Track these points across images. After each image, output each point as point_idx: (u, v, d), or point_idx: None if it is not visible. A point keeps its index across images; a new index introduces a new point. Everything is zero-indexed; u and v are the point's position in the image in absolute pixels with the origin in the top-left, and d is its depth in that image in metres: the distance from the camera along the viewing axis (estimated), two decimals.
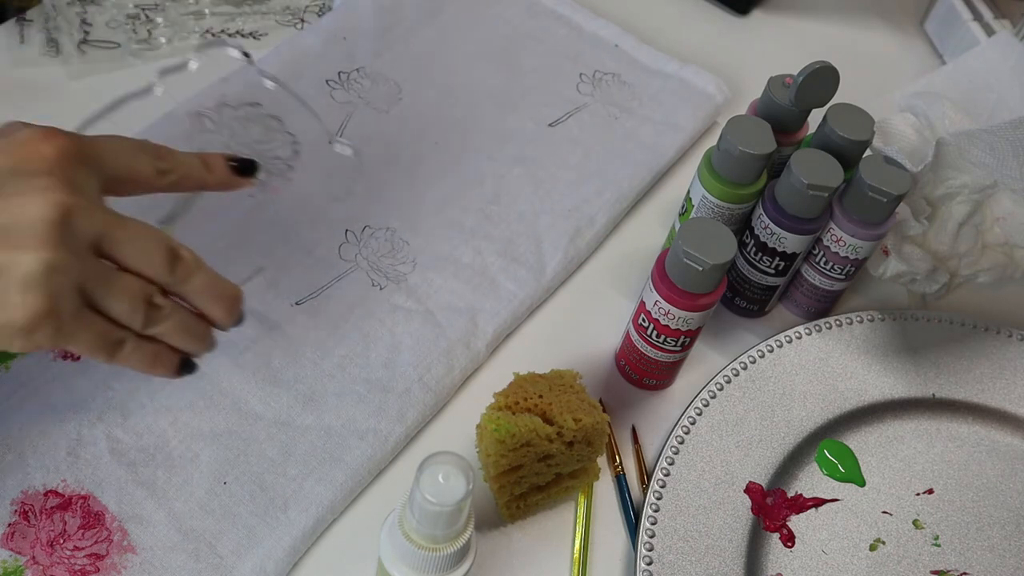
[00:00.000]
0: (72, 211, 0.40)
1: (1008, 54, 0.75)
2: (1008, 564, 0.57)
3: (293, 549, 0.52)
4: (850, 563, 0.56)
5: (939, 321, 0.66)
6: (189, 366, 0.47)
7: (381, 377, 0.59)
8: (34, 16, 0.73)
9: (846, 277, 0.63)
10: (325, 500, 0.54)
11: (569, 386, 0.53)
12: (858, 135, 0.59)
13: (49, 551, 0.50)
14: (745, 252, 0.62)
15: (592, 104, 0.75)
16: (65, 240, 0.39)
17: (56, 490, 0.52)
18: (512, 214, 0.67)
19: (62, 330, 0.40)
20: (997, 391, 0.63)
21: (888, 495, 0.59)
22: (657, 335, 0.57)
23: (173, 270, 0.43)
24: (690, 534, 0.55)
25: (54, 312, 0.39)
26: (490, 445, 0.51)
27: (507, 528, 0.56)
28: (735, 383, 0.61)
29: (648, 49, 0.78)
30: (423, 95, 0.73)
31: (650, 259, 0.62)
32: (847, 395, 0.62)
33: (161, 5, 0.75)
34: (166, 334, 0.45)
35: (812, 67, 0.59)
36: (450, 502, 0.41)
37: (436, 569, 0.44)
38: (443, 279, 0.63)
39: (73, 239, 0.40)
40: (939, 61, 0.85)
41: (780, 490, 0.58)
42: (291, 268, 0.62)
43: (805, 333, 0.64)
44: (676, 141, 0.73)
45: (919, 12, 0.89)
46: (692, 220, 0.54)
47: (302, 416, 0.57)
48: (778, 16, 0.87)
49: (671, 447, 0.58)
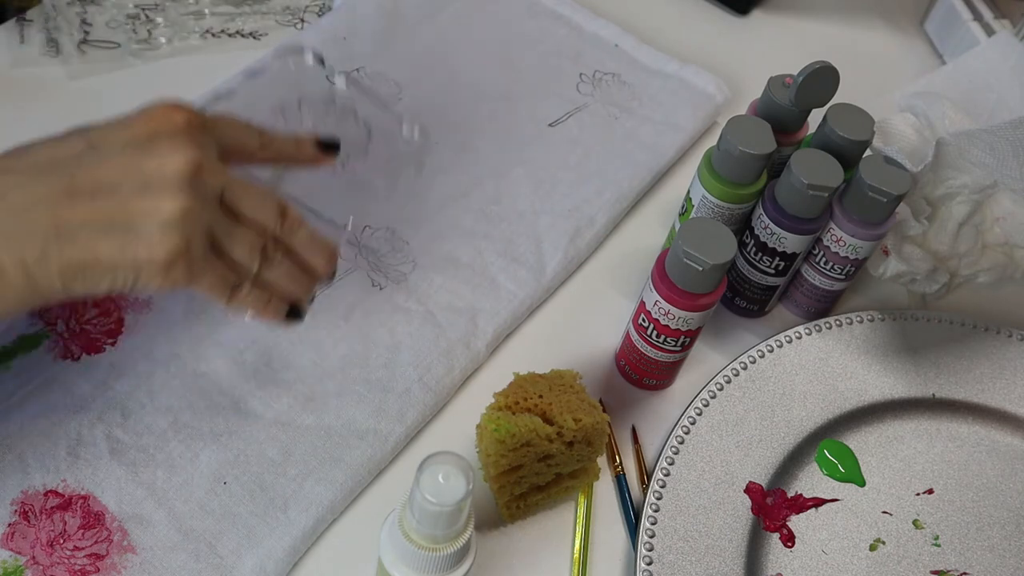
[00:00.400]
0: (201, 167, 0.46)
1: (1008, 54, 0.75)
2: (1008, 564, 0.57)
3: (293, 549, 0.52)
4: (850, 563, 0.56)
5: (939, 321, 0.66)
6: (296, 313, 0.52)
7: (381, 377, 0.59)
8: (34, 16, 0.73)
9: (846, 277, 0.63)
10: (325, 500, 0.54)
11: (569, 386, 0.53)
12: (858, 135, 0.59)
13: (49, 551, 0.50)
14: (745, 252, 0.62)
15: (592, 104, 0.75)
16: (197, 190, 0.45)
17: (56, 490, 0.52)
18: (512, 214, 0.67)
19: (192, 269, 0.46)
20: (997, 391, 0.63)
21: (888, 495, 0.59)
22: (657, 335, 0.57)
23: (282, 223, 0.50)
24: (690, 534, 0.55)
25: (188, 252, 0.45)
26: (490, 445, 0.51)
27: (507, 528, 0.56)
28: (735, 383, 0.61)
29: (648, 49, 0.78)
30: (423, 95, 0.73)
31: (650, 259, 0.62)
32: (847, 395, 0.62)
33: (161, 5, 0.75)
34: (277, 280, 0.50)
35: (812, 67, 0.59)
36: (450, 502, 0.41)
37: (436, 569, 0.44)
38: (443, 279, 0.63)
39: (203, 190, 0.46)
40: (939, 61, 0.85)
41: (780, 490, 0.58)
42: None
43: (805, 333, 0.64)
44: (676, 141, 0.73)
45: (919, 12, 0.89)
46: (692, 220, 0.54)
47: (302, 416, 0.57)
48: (778, 16, 0.87)
49: (671, 447, 0.58)
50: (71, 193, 0.44)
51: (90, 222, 0.44)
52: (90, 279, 0.45)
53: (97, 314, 0.58)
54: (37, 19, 0.72)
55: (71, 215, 0.44)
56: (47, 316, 0.58)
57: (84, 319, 0.58)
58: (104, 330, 0.58)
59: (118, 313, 0.59)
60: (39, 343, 0.57)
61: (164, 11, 0.74)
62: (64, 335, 0.57)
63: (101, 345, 0.57)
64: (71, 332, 0.57)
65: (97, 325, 0.58)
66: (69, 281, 0.45)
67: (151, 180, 0.45)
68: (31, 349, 0.57)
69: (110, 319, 0.58)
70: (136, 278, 0.45)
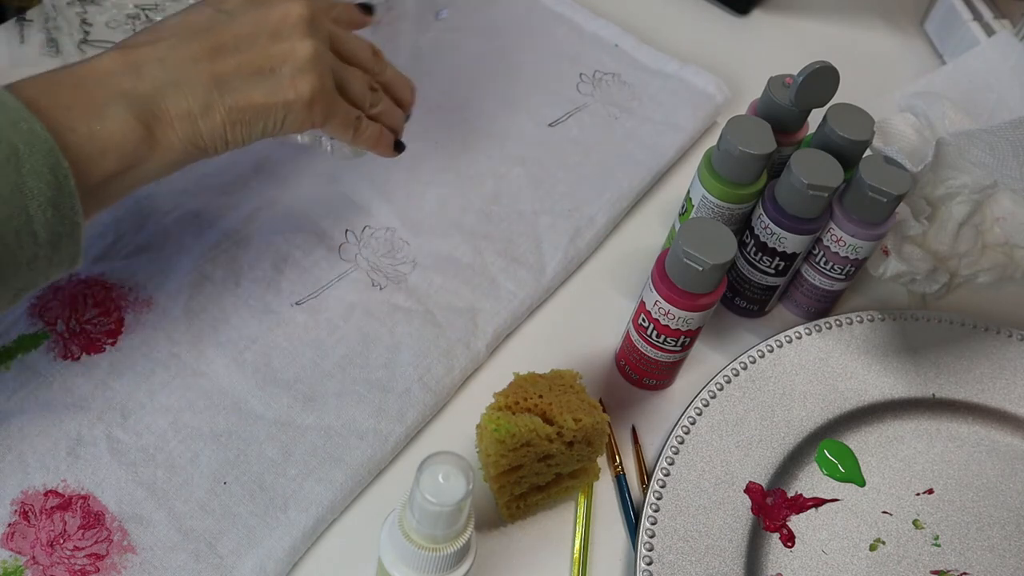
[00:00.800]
0: (315, 14, 0.53)
1: (1008, 54, 0.75)
2: (1008, 564, 0.57)
3: (293, 549, 0.52)
4: (850, 563, 0.56)
5: (939, 321, 0.66)
6: (400, 145, 0.59)
7: (381, 377, 0.59)
8: (34, 16, 0.73)
9: (846, 277, 0.63)
10: (325, 500, 0.54)
11: (569, 386, 0.53)
12: (858, 135, 0.59)
13: (49, 551, 0.50)
14: (745, 252, 0.62)
15: (592, 104, 0.75)
16: (318, 33, 0.52)
17: (56, 490, 0.52)
18: (512, 214, 0.67)
19: (329, 106, 0.52)
20: (997, 391, 0.63)
21: (888, 495, 0.59)
22: (657, 335, 0.57)
23: (377, 62, 0.57)
24: (690, 534, 0.55)
25: (323, 89, 0.52)
26: (490, 445, 0.51)
27: (507, 528, 0.56)
28: (735, 383, 0.61)
29: (648, 49, 0.78)
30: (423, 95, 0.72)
31: (650, 259, 0.62)
32: (847, 395, 0.62)
33: (161, 5, 0.75)
34: (383, 113, 0.58)
35: (812, 67, 0.59)
36: (450, 502, 0.41)
37: (436, 569, 0.44)
38: (443, 279, 0.63)
39: (322, 33, 0.53)
40: (939, 61, 0.85)
41: (780, 490, 0.58)
42: (291, 268, 0.62)
43: (805, 333, 0.64)
44: (676, 141, 0.73)
45: (919, 12, 0.89)
46: (692, 220, 0.54)
47: (302, 416, 0.57)
48: (778, 16, 0.87)
49: (671, 447, 0.58)
50: (218, 49, 0.50)
51: (240, 72, 0.50)
52: (247, 127, 0.51)
53: (97, 314, 0.58)
54: (37, 19, 0.72)
55: (223, 68, 0.49)
56: (47, 316, 0.58)
57: (84, 319, 0.58)
58: (104, 330, 0.58)
59: (118, 313, 0.59)
60: (39, 343, 0.57)
61: (164, 11, 0.74)
62: (64, 335, 0.57)
63: (101, 345, 0.57)
64: (71, 332, 0.57)
65: (97, 325, 0.58)
66: (231, 127, 0.50)
67: (280, 28, 0.51)
68: (31, 349, 0.57)
69: (110, 319, 0.58)
70: (284, 118, 0.51)
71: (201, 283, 0.60)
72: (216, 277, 0.61)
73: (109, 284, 0.60)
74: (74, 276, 0.59)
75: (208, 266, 0.61)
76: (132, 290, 0.60)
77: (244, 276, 0.61)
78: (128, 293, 0.59)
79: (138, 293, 0.59)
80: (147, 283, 0.60)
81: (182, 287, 0.60)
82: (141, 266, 0.60)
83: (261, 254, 0.62)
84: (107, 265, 0.60)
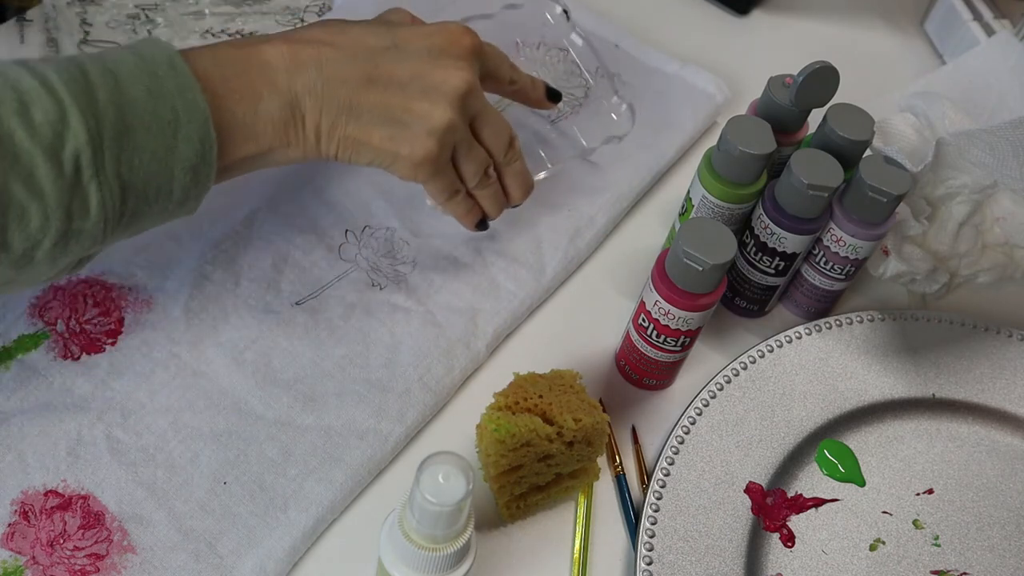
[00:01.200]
0: (472, 90, 0.54)
1: (1008, 54, 0.75)
2: (1008, 564, 0.57)
3: (293, 549, 0.52)
4: (850, 563, 0.56)
5: (939, 321, 0.66)
6: (484, 225, 0.61)
7: (381, 377, 0.59)
8: (34, 16, 0.73)
9: (846, 277, 0.63)
10: (325, 500, 0.54)
11: (569, 386, 0.53)
12: (858, 135, 0.59)
13: (49, 551, 0.50)
14: (745, 252, 0.62)
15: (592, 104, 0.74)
16: (463, 109, 0.54)
17: (56, 490, 0.52)
18: (512, 214, 0.67)
19: (434, 171, 0.54)
20: (997, 391, 0.63)
21: (888, 495, 0.59)
22: (657, 335, 0.57)
23: (507, 152, 0.58)
24: (690, 534, 0.55)
25: (437, 158, 0.54)
26: (490, 445, 0.51)
27: (507, 528, 0.56)
28: (735, 383, 0.61)
29: (648, 49, 0.78)
30: None
31: (650, 259, 0.62)
32: (847, 395, 0.62)
33: (161, 5, 0.75)
34: (484, 197, 0.59)
35: (812, 67, 0.59)
36: (450, 502, 0.41)
37: (436, 569, 0.44)
38: (443, 279, 0.63)
39: (465, 110, 0.54)
40: (939, 61, 0.85)
41: (780, 490, 0.58)
42: (291, 268, 0.62)
43: (805, 333, 0.64)
44: (676, 141, 0.73)
45: (919, 12, 0.89)
46: (692, 220, 0.54)
47: (302, 416, 0.57)
48: (778, 16, 0.87)
49: (671, 447, 0.58)
50: (370, 80, 0.52)
51: (374, 109, 0.52)
52: (356, 155, 0.53)
53: (97, 314, 0.58)
54: (37, 19, 0.72)
55: (364, 99, 0.52)
56: (47, 316, 0.58)
57: (84, 319, 0.58)
58: (104, 330, 0.58)
59: (118, 313, 0.59)
60: (39, 343, 0.57)
61: (164, 11, 0.74)
62: (64, 335, 0.57)
63: (101, 345, 0.57)
64: (71, 332, 0.57)
65: (97, 325, 0.58)
66: (342, 151, 0.53)
67: (433, 88, 0.53)
68: (31, 349, 0.57)
69: (110, 319, 0.58)
70: (391, 164, 0.54)
71: (201, 283, 0.60)
72: (216, 277, 0.61)
73: (109, 284, 0.60)
74: (74, 276, 0.59)
75: (208, 266, 0.61)
76: (132, 290, 0.60)
77: (244, 276, 0.61)
78: (128, 293, 0.59)
79: (138, 293, 0.60)
80: (147, 283, 0.60)
81: (182, 287, 0.60)
82: (141, 266, 0.61)
83: (261, 254, 0.62)
84: (107, 265, 0.60)
